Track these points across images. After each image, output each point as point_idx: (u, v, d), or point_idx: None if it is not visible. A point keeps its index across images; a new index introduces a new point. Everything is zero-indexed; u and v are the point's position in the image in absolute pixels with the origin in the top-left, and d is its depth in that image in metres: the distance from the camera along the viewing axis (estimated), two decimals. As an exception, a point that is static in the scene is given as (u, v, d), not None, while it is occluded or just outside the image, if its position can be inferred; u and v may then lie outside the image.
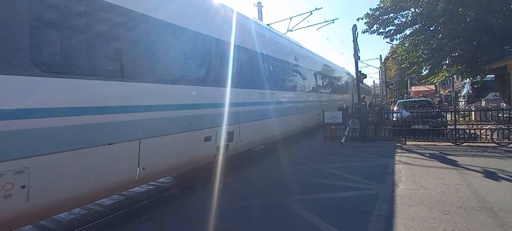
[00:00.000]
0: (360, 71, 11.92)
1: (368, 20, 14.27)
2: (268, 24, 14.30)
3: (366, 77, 13.01)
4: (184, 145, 4.69)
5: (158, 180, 6.32)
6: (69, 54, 3.20)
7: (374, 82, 58.53)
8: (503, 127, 8.50)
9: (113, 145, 3.44)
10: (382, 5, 13.70)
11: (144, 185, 5.98)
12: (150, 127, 3.96)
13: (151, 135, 3.96)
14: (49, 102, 2.90)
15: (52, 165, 2.90)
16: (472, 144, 8.33)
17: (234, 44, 6.15)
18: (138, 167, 3.80)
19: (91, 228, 4.15)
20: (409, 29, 14.04)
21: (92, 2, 3.39)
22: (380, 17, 13.98)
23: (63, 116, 2.97)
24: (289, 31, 15.38)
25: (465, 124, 9.71)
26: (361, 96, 13.02)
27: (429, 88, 32.81)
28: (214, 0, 6.02)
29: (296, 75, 10.26)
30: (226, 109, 5.62)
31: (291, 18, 15.22)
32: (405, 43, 14.85)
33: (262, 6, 15.46)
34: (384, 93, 41.01)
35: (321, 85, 13.61)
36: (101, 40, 3.54)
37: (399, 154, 7.61)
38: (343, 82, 19.38)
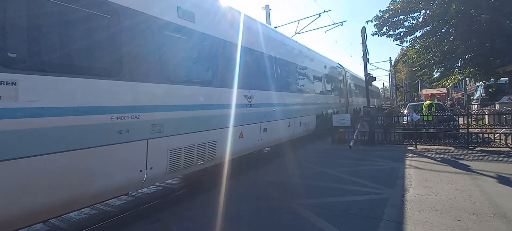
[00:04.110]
0: (369, 73, 11.79)
1: (378, 23, 14.09)
2: (275, 27, 14.30)
3: (375, 79, 12.84)
4: None
5: (165, 182, 6.38)
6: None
7: (383, 85, 57.85)
8: (518, 131, 8.25)
9: None
10: (392, 7, 13.52)
11: (152, 186, 6.03)
12: None
13: None
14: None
15: None
16: (485, 149, 8.10)
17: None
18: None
19: (100, 228, 4.21)
20: (420, 31, 13.81)
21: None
22: (390, 19, 13.79)
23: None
24: (297, 34, 15.36)
25: (478, 128, 9.45)
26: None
27: (440, 91, 32.17)
28: None
29: None
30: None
31: (299, 20, 15.20)
32: (416, 46, 14.61)
33: (270, 9, 15.49)
34: (394, 96, 40.45)
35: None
36: None
37: (409, 158, 7.46)
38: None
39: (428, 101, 11.16)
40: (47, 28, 2.98)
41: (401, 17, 13.66)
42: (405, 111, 12.27)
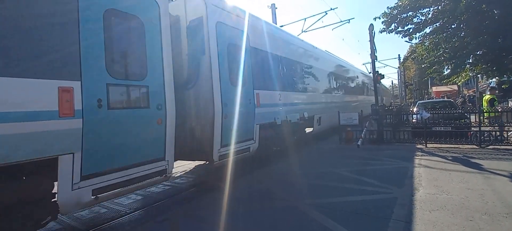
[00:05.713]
0: (377, 71, 11.65)
1: (386, 19, 13.89)
2: (281, 26, 14.27)
3: (383, 77, 12.69)
4: None
5: (173, 180, 6.44)
6: None
7: (392, 83, 57.03)
8: (532, 129, 8.04)
9: None
10: (401, 3, 13.31)
11: (160, 185, 6.10)
12: None
13: None
14: None
15: None
16: (498, 147, 7.92)
17: None
18: None
19: (109, 227, 4.28)
20: (429, 28, 13.56)
21: None
22: (398, 16, 13.58)
23: None
24: (303, 32, 15.27)
25: (491, 126, 9.23)
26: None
27: (451, 88, 31.57)
28: None
29: None
30: None
31: (305, 19, 15.09)
32: (425, 42, 14.39)
33: (276, 8, 15.44)
34: (403, 94, 39.86)
35: None
36: None
37: (419, 157, 7.34)
38: None
39: (489, 96, 9.71)
40: None
41: (410, 13, 13.44)
42: (415, 109, 12.08)
